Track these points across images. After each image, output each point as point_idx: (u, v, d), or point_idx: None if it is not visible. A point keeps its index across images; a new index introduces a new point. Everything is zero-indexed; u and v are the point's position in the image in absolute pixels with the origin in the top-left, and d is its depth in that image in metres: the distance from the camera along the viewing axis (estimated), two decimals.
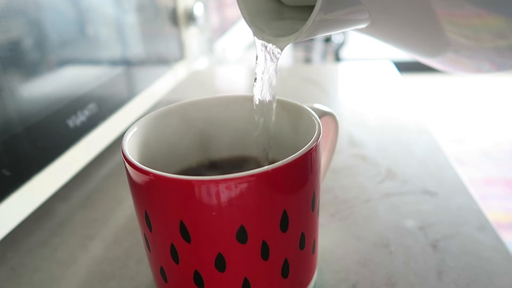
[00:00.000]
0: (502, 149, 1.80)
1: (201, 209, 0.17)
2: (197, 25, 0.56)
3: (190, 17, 0.55)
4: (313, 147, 0.19)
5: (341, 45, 2.33)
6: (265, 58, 0.21)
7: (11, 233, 0.28)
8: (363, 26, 0.20)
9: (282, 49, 0.20)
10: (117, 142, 0.41)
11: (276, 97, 0.24)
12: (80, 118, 0.33)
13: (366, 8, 0.18)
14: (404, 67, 2.78)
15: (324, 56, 2.34)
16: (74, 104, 0.33)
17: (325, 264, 0.26)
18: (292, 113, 0.23)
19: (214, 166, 0.26)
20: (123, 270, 0.27)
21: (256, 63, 0.21)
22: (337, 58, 2.39)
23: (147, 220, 0.19)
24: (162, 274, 0.20)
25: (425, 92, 2.48)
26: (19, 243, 0.30)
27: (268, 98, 0.22)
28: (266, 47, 0.21)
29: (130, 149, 0.20)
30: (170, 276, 0.20)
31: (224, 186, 0.17)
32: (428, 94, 2.45)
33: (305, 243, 0.20)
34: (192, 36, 0.57)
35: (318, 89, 0.57)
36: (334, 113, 0.25)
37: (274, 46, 0.20)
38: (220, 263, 0.18)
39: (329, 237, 0.28)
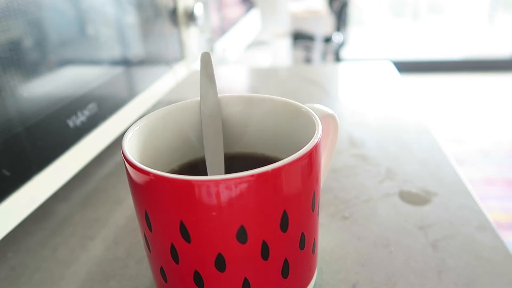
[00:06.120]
0: (502, 149, 1.80)
1: (201, 209, 0.17)
2: (197, 25, 0.56)
3: (190, 17, 0.55)
4: (313, 147, 0.19)
5: (341, 45, 2.33)
6: None
7: (11, 233, 0.28)
8: None
9: None
10: (117, 142, 0.41)
11: (277, 96, 0.24)
12: (80, 118, 0.33)
13: None
14: (404, 67, 2.79)
15: (324, 56, 2.34)
16: (74, 104, 0.33)
17: (325, 264, 0.26)
18: (292, 113, 0.23)
19: None
20: (123, 270, 0.27)
21: None
22: (337, 58, 2.39)
23: (147, 220, 0.19)
24: (162, 274, 0.20)
25: (425, 92, 2.48)
26: (19, 243, 0.30)
27: None
28: None
29: (130, 149, 0.20)
30: (170, 276, 0.20)
31: (224, 186, 0.17)
32: (428, 94, 2.45)
33: (305, 243, 0.20)
34: (192, 36, 0.57)
35: (318, 89, 0.57)
36: (334, 113, 0.25)
37: None
38: (220, 263, 0.18)
39: (329, 237, 0.28)
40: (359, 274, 0.25)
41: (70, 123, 0.32)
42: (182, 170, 0.24)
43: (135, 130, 0.22)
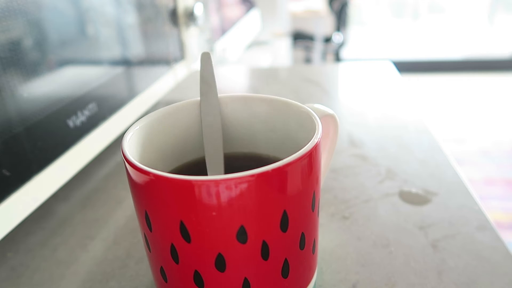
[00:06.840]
0: (502, 149, 1.80)
1: (201, 209, 0.17)
2: (197, 25, 0.56)
3: (190, 17, 0.55)
4: (313, 147, 0.19)
5: (341, 45, 2.33)
6: None
7: (11, 233, 0.28)
8: None
9: None
10: (117, 142, 0.41)
11: (277, 96, 0.24)
12: (80, 118, 0.33)
13: None
14: (404, 67, 2.79)
15: (324, 56, 2.34)
16: (74, 104, 0.33)
17: (325, 264, 0.26)
18: (292, 113, 0.23)
19: None
20: (123, 270, 0.27)
21: None
22: (337, 58, 2.39)
23: (147, 220, 0.19)
24: (162, 274, 0.20)
25: (425, 92, 2.48)
26: (19, 243, 0.30)
27: None
28: None
29: (130, 149, 0.20)
30: (170, 276, 0.20)
31: (224, 186, 0.17)
32: (428, 94, 2.45)
33: (305, 243, 0.20)
34: (192, 36, 0.57)
35: (318, 89, 0.57)
36: (334, 113, 0.25)
37: None
38: (220, 263, 0.18)
39: (329, 237, 0.28)
40: (359, 274, 0.25)
41: (70, 123, 0.32)
42: (182, 170, 0.24)
43: (135, 130, 0.22)
